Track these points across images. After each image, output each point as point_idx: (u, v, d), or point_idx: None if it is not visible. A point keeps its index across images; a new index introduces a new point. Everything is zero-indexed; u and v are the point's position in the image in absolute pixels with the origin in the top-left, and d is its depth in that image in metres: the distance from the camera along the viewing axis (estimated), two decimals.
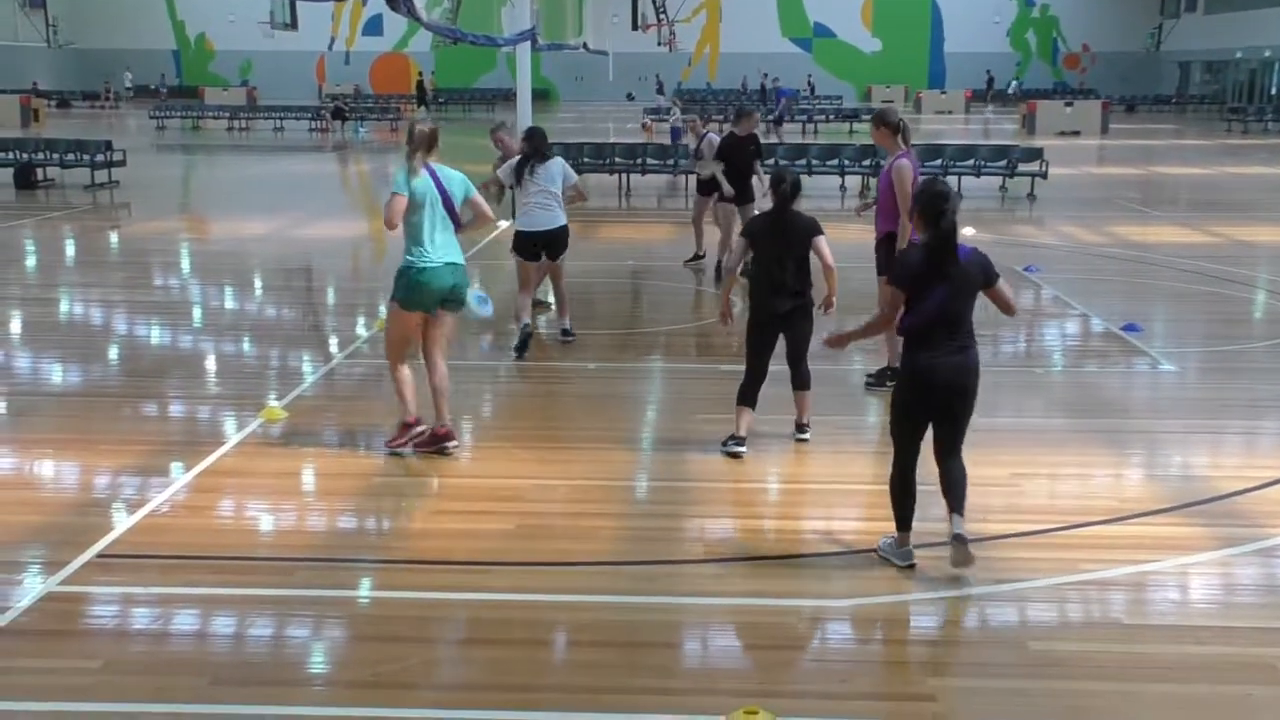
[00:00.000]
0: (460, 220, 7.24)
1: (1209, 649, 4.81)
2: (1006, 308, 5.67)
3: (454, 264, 7.21)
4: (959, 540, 5.44)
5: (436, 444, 7.23)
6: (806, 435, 7.42)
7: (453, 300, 7.23)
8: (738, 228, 11.42)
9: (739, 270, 8.04)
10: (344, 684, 4.58)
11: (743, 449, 7.16)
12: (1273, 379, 9.06)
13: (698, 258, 13.80)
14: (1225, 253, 15.10)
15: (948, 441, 5.60)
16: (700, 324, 10.96)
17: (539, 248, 9.79)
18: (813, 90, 58.62)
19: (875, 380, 8.65)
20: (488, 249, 14.61)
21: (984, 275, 5.47)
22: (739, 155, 12.54)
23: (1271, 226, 17.83)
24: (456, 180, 7.23)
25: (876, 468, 7.06)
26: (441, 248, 7.16)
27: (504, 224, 12.58)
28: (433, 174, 7.11)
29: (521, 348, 9.59)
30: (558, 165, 9.80)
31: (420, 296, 7.13)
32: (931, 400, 5.49)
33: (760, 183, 12.20)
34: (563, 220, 9.82)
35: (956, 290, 5.37)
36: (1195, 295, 12.45)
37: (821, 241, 7.07)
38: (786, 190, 7.01)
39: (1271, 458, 7.28)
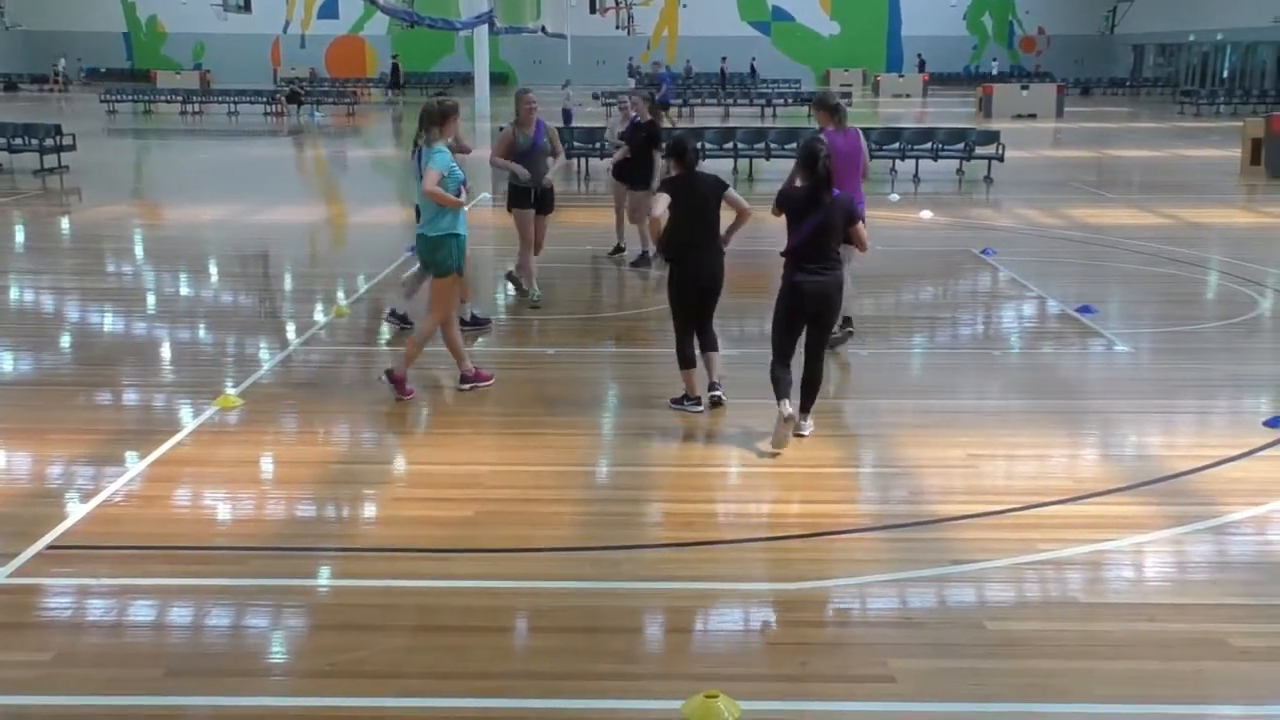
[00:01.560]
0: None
1: (1162, 626, 4.87)
2: (860, 244, 7.25)
3: (421, 235, 7.95)
4: (789, 421, 6.89)
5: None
6: (719, 392, 7.72)
7: (428, 266, 8.02)
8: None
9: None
10: (301, 674, 4.54)
11: (701, 407, 7.68)
12: (1225, 359, 9.18)
13: (619, 250, 13.34)
14: (1178, 234, 15.28)
15: (814, 344, 7.15)
16: (658, 309, 10.93)
17: None
18: (754, 73, 58.36)
19: None
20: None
21: (848, 214, 7.03)
22: (633, 142, 12.75)
23: (1223, 208, 18.06)
24: (430, 158, 7.74)
25: (837, 450, 7.10)
26: (422, 219, 8.01)
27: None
28: (419, 152, 7.89)
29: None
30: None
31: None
32: (803, 308, 6.97)
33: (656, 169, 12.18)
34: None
35: (826, 221, 6.89)
36: (1149, 277, 12.58)
37: (732, 192, 7.62)
38: (691, 157, 7.66)
39: (1223, 437, 7.37)
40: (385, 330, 9.86)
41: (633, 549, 5.66)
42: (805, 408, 7.21)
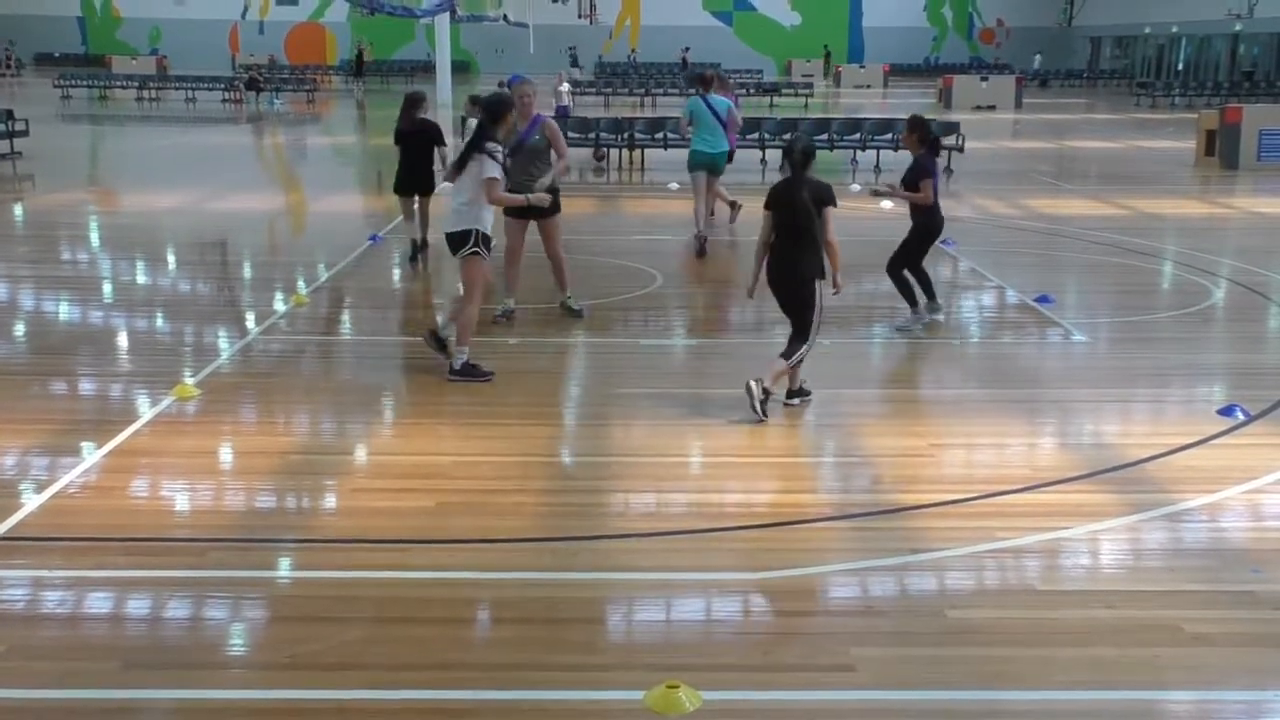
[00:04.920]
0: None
1: (1118, 613, 4.92)
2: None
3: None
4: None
5: None
6: (796, 400, 7.56)
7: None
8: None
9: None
10: (260, 666, 4.50)
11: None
12: (1179, 348, 9.29)
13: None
14: (1134, 225, 15.43)
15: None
16: (622, 298, 10.92)
17: None
18: (685, 65, 58.03)
19: None
20: None
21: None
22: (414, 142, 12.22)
23: (1178, 199, 18.26)
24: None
25: (799, 440, 7.13)
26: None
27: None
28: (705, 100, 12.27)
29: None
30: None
31: None
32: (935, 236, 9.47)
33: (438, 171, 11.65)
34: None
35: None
36: (1105, 267, 12.71)
37: (829, 211, 7.43)
38: (797, 159, 7.39)
39: (1178, 425, 7.46)
40: (347, 322, 9.76)
41: (594, 539, 5.66)
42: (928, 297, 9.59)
